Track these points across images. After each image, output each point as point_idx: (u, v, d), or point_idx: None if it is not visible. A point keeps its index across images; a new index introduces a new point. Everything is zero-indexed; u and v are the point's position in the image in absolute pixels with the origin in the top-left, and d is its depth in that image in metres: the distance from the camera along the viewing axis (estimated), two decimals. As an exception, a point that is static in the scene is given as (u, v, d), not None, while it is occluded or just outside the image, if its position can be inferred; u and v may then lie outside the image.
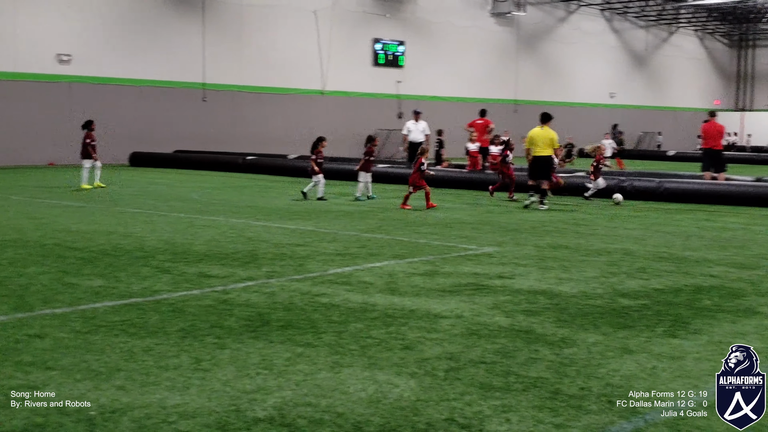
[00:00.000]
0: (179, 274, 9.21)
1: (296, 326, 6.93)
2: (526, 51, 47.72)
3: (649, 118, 55.19)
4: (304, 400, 5.11)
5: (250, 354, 6.09)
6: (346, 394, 5.24)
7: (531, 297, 8.23)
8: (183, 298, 8.01)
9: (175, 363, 5.85)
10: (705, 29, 61.95)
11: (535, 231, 13.58)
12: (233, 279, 8.99)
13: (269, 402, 5.07)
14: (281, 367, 5.76)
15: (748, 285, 9.04)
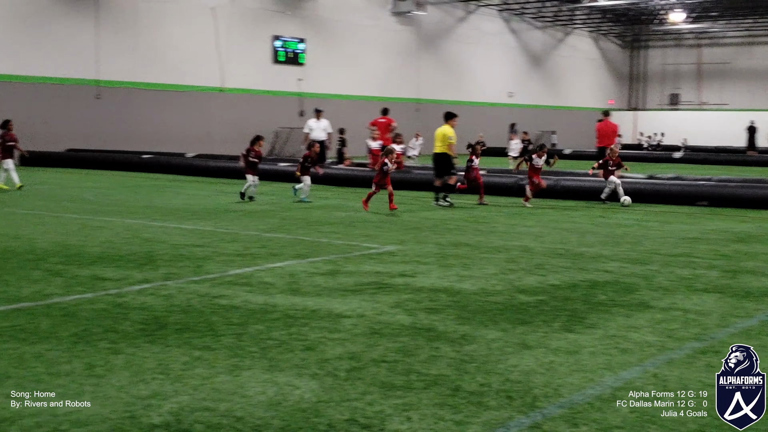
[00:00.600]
0: (72, 277, 8.91)
1: (194, 329, 6.77)
2: (427, 50, 48.14)
3: (546, 118, 56.42)
4: (201, 405, 4.99)
5: (146, 359, 5.92)
6: (245, 398, 5.14)
7: (432, 295, 8.27)
8: (76, 302, 7.74)
9: (67, 369, 5.64)
10: (599, 30, 63.69)
11: (436, 229, 13.68)
12: (128, 282, 8.75)
13: (165, 408, 4.93)
14: (178, 372, 5.62)
15: (641, 280, 9.30)
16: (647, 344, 6.55)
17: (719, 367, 5.89)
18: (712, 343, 6.62)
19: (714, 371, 5.81)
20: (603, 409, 5.05)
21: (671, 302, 8.13)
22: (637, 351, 6.35)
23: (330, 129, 26.29)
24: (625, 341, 6.62)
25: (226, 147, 36.53)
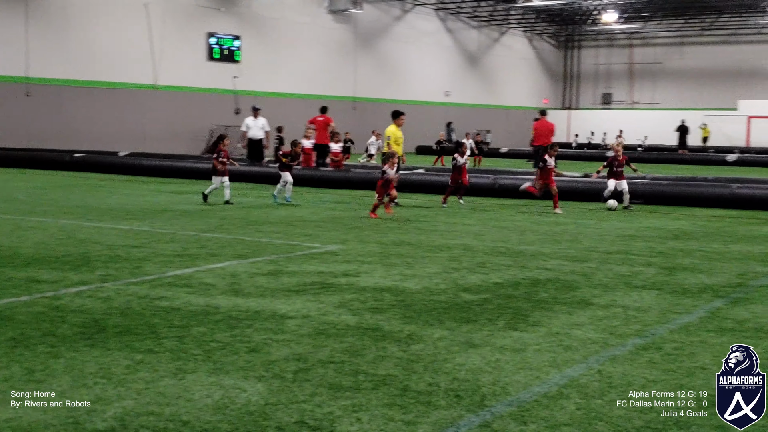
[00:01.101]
0: (6, 280, 8.65)
1: (135, 332, 6.63)
2: (364, 49, 48.14)
3: (482, 117, 56.88)
4: (146, 410, 4.88)
5: (87, 363, 5.77)
6: (191, 402, 5.05)
7: (377, 294, 8.24)
8: (11, 305, 7.51)
9: (5, 374, 5.47)
10: (534, 30, 64.45)
11: (377, 228, 13.66)
12: (65, 283, 8.53)
13: (109, 413, 4.81)
14: (120, 376, 5.49)
15: (581, 277, 9.42)
16: (590, 341, 6.62)
17: (661, 363, 6.02)
18: (654, 339, 6.72)
19: (656, 367, 5.91)
20: (550, 407, 5.08)
21: (611, 299, 8.24)
22: (580, 348, 6.41)
23: (267, 127, 26.11)
24: (569, 338, 6.68)
25: (160, 145, 36.01)
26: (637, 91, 64.19)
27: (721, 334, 6.88)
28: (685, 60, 62.09)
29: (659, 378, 5.66)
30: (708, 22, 59.41)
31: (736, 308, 7.91)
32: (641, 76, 63.94)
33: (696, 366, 5.96)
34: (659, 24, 61.33)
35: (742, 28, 59.28)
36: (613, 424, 4.81)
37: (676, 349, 6.39)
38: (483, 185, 20.22)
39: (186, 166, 26.45)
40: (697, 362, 6.06)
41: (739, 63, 59.60)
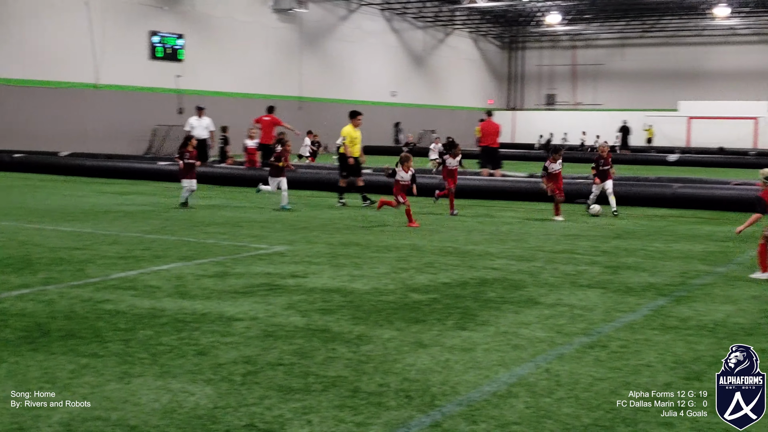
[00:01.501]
0: (-57, 284, 8.43)
1: (79, 336, 6.51)
2: (310, 48, 47.96)
3: (428, 117, 57.10)
4: (93, 415, 4.80)
5: (30, 367, 5.64)
6: (138, 406, 4.97)
7: (325, 295, 8.21)
8: (-51, 309, 7.32)
9: (-57, 382, 5.33)
10: (479, 31, 64.89)
11: (325, 228, 13.62)
12: (6, 287, 8.34)
13: (55, 418, 4.71)
14: (65, 380, 5.38)
15: (527, 276, 9.50)
16: (538, 340, 6.68)
17: (608, 361, 6.10)
18: (599, 337, 6.80)
19: (603, 365, 5.99)
20: (500, 406, 5.11)
21: (558, 298, 8.33)
22: (528, 347, 6.46)
23: (212, 127, 25.83)
24: (517, 337, 6.73)
25: (102, 145, 35.42)
26: (580, 92, 65.04)
27: (665, 332, 6.99)
28: (626, 61, 63.09)
29: (606, 376, 5.73)
30: (649, 24, 60.45)
31: (679, 306, 8.05)
32: (584, 78, 64.80)
33: (641, 364, 6.05)
34: (601, 26, 62.22)
35: (682, 30, 60.44)
36: (561, 422, 4.86)
37: (622, 347, 6.48)
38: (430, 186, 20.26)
39: (129, 166, 26.10)
40: (643, 360, 6.15)
41: (679, 64, 60.75)
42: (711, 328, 7.16)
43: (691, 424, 4.85)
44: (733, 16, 54.63)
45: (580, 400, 5.23)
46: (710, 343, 6.67)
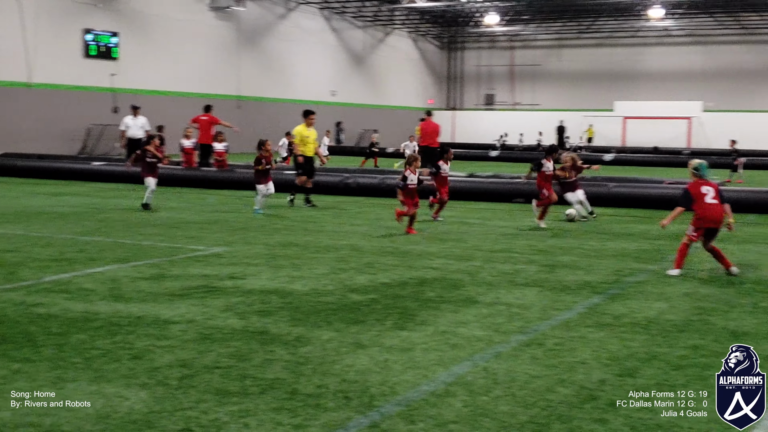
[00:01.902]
0: None
1: (11, 340, 6.36)
2: (248, 47, 47.57)
3: (369, 116, 57.09)
4: (25, 421, 4.70)
5: (-42, 375, 5.50)
6: (71, 411, 4.88)
7: (264, 297, 8.15)
8: None
9: None
10: (418, 31, 65.08)
11: (264, 229, 13.52)
12: (-67, 291, 8.11)
13: (-18, 428, 4.60)
14: (-5, 388, 5.26)
15: (466, 276, 9.57)
16: (476, 339, 6.73)
17: (544, 359, 6.17)
18: (536, 335, 6.88)
19: (539, 363, 6.05)
20: (438, 405, 5.14)
21: (495, 297, 8.40)
22: (466, 346, 6.51)
23: (148, 126, 25.49)
24: (455, 336, 6.77)
25: (34, 145, 34.62)
26: (518, 92, 65.68)
27: (600, 329, 7.10)
28: (563, 62, 63.92)
29: (542, 373, 5.80)
30: (585, 25, 61.32)
31: (614, 304, 8.18)
32: (522, 78, 65.47)
33: (576, 361, 6.14)
34: (539, 27, 62.94)
35: (617, 31, 61.44)
36: (498, 420, 4.90)
37: (558, 345, 6.56)
38: (371, 185, 20.31)
39: (62, 166, 25.57)
40: (578, 357, 6.24)
41: (614, 65, 61.74)
42: (644, 325, 7.30)
43: (624, 420, 4.93)
44: (667, 18, 55.73)
45: (516, 398, 5.28)
46: (643, 339, 6.79)
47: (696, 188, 9.96)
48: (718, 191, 9.99)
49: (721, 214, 9.86)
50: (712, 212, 9.80)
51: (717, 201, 9.85)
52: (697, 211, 9.85)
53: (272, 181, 16.27)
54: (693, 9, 54.06)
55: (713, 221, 9.83)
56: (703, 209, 9.80)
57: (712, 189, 9.96)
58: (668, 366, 6.03)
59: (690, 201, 9.89)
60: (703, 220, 9.82)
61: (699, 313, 7.81)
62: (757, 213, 16.60)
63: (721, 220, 9.86)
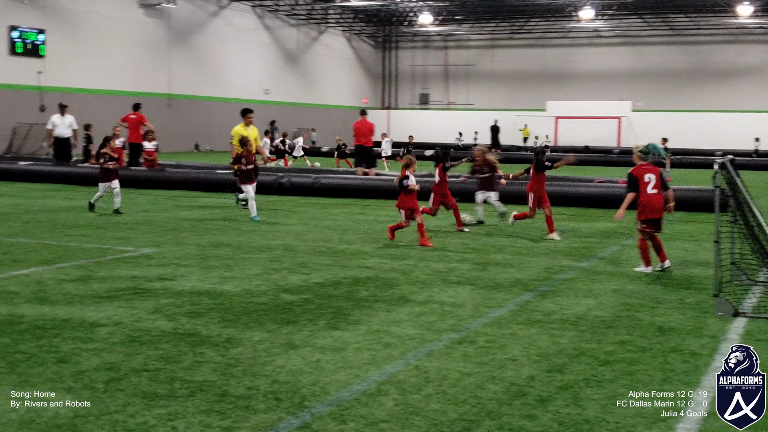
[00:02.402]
0: None
1: (-71, 346, 6.16)
2: (179, 45, 46.96)
3: (304, 115, 56.88)
4: (-59, 431, 4.55)
5: None
6: (-8, 418, 4.74)
7: (194, 298, 8.04)
8: None
9: None
10: (352, 30, 65.08)
11: (195, 230, 13.35)
12: None
13: None
14: None
15: (400, 275, 9.58)
16: (408, 337, 6.75)
17: (475, 356, 6.21)
18: (468, 333, 6.93)
19: (470, 360, 6.09)
20: (369, 404, 5.13)
21: (429, 295, 8.43)
22: (399, 345, 6.51)
23: (75, 125, 24.97)
24: (388, 335, 6.77)
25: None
26: (453, 91, 66.17)
27: (530, 326, 7.18)
28: (496, 62, 64.58)
29: (473, 371, 5.84)
30: (518, 26, 62.07)
31: (544, 301, 8.28)
32: (456, 78, 65.97)
33: (507, 358, 6.19)
34: (472, 27, 63.47)
35: (549, 32, 62.34)
36: (429, 418, 4.92)
37: (489, 342, 6.61)
38: (305, 184, 20.23)
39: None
40: (508, 354, 6.29)
41: (546, 65, 62.63)
42: (573, 321, 7.40)
43: (553, 416, 4.99)
44: (597, 19, 56.76)
45: (447, 396, 5.30)
46: (572, 336, 6.89)
47: (640, 173, 9.86)
48: (660, 178, 9.88)
49: (662, 204, 9.82)
50: (653, 203, 9.78)
51: (657, 190, 9.79)
52: (641, 199, 9.80)
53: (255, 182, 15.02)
54: (623, 10, 55.16)
55: (654, 211, 9.79)
56: (646, 198, 9.77)
57: (654, 177, 9.85)
58: (596, 362, 6.13)
59: (637, 186, 9.79)
60: (645, 210, 9.78)
61: (626, 309, 7.95)
62: (683, 211, 17.00)
63: (661, 209, 9.84)
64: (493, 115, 55.88)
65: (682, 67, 58.32)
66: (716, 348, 6.55)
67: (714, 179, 7.96)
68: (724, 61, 57.10)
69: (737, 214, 8.25)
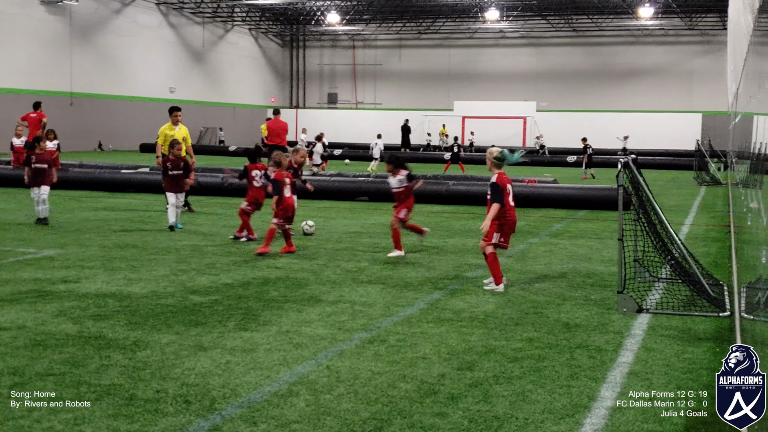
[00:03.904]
0: None
1: None
2: (81, 42, 45.76)
3: (210, 114, 56.14)
4: None
5: None
6: None
7: (99, 300, 7.86)
8: None
9: None
10: (259, 28, 64.55)
11: (99, 230, 13.04)
12: None
13: None
14: None
15: (310, 275, 9.56)
16: (319, 337, 6.74)
17: (386, 355, 6.25)
18: (378, 332, 6.96)
19: (381, 359, 6.12)
20: (280, 405, 5.11)
21: (339, 295, 8.44)
22: (310, 345, 6.50)
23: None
24: (299, 336, 6.76)
25: None
26: (360, 91, 66.32)
27: (440, 324, 7.26)
28: (404, 62, 65.00)
29: (384, 370, 5.87)
30: (425, 26, 62.60)
31: (453, 299, 8.39)
32: (364, 77, 66.14)
33: (417, 356, 6.25)
34: (379, 27, 63.72)
35: (455, 33, 63.04)
36: (340, 418, 4.92)
37: (400, 341, 6.66)
38: (212, 184, 19.96)
39: None
40: (419, 352, 6.35)
41: (453, 66, 63.34)
42: (482, 319, 7.52)
43: (463, 413, 5.06)
44: (502, 20, 57.69)
45: (359, 395, 5.32)
46: (481, 333, 7.00)
47: (503, 183, 8.98)
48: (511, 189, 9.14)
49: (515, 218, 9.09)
50: (512, 215, 9.05)
51: (513, 203, 9.04)
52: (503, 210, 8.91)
53: None
54: (527, 12, 56.22)
55: (512, 225, 9.05)
56: (507, 210, 8.97)
57: (510, 187, 9.12)
58: (505, 359, 6.24)
59: (502, 196, 8.91)
60: (506, 224, 8.97)
61: (534, 306, 8.12)
62: (588, 209, 17.46)
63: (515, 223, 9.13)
64: (401, 114, 56.21)
65: (585, 67, 59.79)
66: (621, 344, 6.75)
67: (617, 178, 8.19)
68: (626, 62, 58.77)
69: (640, 213, 8.52)
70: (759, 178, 7.82)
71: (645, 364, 6.17)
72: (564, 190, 19.18)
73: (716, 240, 13.40)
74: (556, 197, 18.56)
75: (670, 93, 57.27)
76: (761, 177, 7.42)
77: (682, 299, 8.30)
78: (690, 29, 56.52)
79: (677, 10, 52.90)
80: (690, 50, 57.51)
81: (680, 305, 8.13)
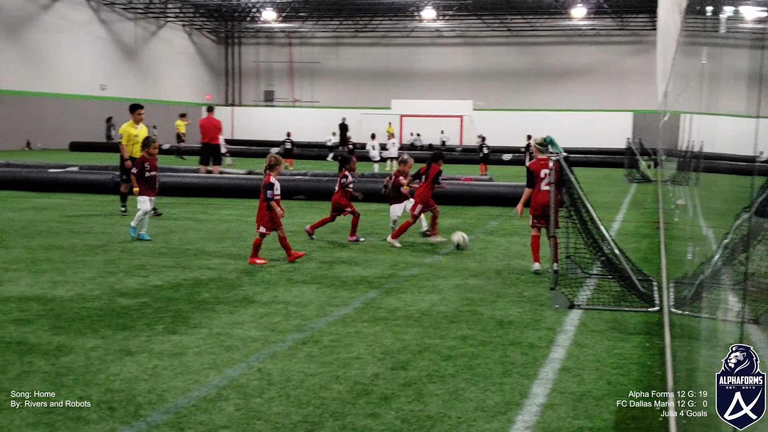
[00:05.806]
0: None
1: None
2: (7, 38, 44.55)
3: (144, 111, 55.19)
4: None
5: None
6: None
7: (22, 304, 7.60)
8: None
9: None
10: (193, 25, 63.67)
11: (24, 232, 12.66)
12: None
13: None
14: None
15: (244, 275, 9.41)
16: (251, 339, 6.61)
17: (319, 356, 6.15)
18: (312, 333, 6.86)
19: (314, 360, 6.03)
20: (209, 410, 4.98)
21: (273, 296, 8.31)
22: (241, 347, 6.37)
23: None
24: (230, 338, 6.62)
25: None
26: (298, 89, 65.91)
27: (375, 324, 7.19)
28: (341, 60, 64.79)
29: (317, 371, 5.78)
30: (362, 24, 62.45)
31: (389, 298, 8.33)
32: (301, 75, 65.74)
33: (351, 356, 6.17)
34: (316, 24, 63.39)
35: (392, 31, 63.05)
36: (271, 422, 4.82)
37: (334, 342, 6.57)
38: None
39: None
40: (353, 353, 6.27)
41: (391, 64, 63.36)
42: (417, 317, 7.47)
43: (396, 414, 4.99)
44: (438, 19, 57.91)
45: (290, 398, 5.22)
46: (416, 332, 6.95)
47: (536, 168, 9.74)
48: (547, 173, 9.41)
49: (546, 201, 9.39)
50: (539, 198, 9.67)
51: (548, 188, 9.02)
52: (532, 194, 9.78)
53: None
54: (463, 11, 56.50)
55: (537, 206, 9.72)
56: (534, 195, 9.76)
57: (546, 171, 9.50)
58: (439, 357, 6.19)
59: (533, 181, 9.71)
60: (532, 206, 9.80)
61: (468, 303, 8.10)
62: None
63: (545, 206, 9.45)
64: (339, 113, 56.05)
65: (521, 67, 60.35)
66: (553, 340, 6.77)
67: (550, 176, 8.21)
68: (560, 61, 59.47)
69: (571, 210, 8.57)
70: (686, 175, 7.92)
71: (576, 360, 6.19)
72: (499, 187, 19.30)
73: (646, 236, 13.60)
74: (491, 195, 18.67)
75: (602, 92, 58.15)
76: (688, 174, 7.51)
77: (612, 295, 8.37)
78: (621, 29, 57.46)
79: (609, 11, 53.71)
80: (621, 50, 58.46)
81: (611, 301, 8.20)
